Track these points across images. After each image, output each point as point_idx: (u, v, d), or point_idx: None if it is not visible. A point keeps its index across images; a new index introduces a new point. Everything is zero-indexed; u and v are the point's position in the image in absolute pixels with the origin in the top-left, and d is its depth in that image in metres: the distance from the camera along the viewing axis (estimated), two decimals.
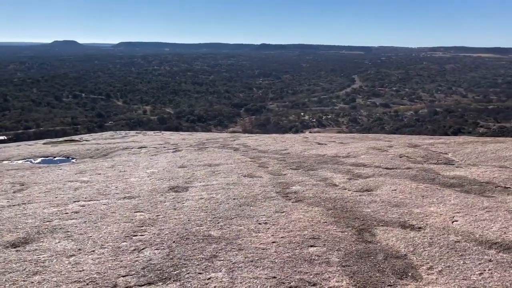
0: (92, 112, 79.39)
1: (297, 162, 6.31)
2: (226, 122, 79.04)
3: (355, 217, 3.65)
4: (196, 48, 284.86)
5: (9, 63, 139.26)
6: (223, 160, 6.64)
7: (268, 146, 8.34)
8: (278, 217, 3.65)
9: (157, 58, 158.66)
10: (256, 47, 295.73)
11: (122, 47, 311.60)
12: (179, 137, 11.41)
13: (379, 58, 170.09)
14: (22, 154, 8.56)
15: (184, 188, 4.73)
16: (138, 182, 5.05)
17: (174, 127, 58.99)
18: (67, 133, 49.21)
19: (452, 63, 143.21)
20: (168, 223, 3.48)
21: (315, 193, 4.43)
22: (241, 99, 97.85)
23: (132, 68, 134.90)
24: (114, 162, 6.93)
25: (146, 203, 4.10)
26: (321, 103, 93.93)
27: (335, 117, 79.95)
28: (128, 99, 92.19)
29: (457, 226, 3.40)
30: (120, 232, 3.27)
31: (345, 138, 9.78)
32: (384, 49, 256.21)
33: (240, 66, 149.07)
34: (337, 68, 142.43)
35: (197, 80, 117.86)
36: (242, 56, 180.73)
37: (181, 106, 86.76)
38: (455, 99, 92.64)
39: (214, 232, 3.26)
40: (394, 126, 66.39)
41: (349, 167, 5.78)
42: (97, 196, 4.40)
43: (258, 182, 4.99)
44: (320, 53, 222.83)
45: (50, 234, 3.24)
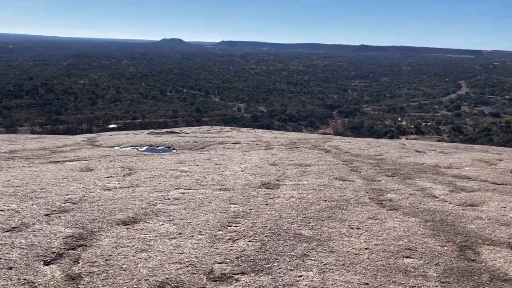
0: (191, 106, 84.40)
1: (393, 169, 6.05)
2: (317, 123, 78.51)
3: (456, 232, 3.40)
4: (293, 48, 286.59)
5: (123, 58, 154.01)
6: (314, 161, 6.62)
7: (361, 150, 8.11)
8: (371, 223, 3.54)
9: (254, 57, 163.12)
10: (354, 48, 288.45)
11: (223, 45, 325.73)
12: (270, 135, 11.62)
13: (491, 63, 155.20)
14: (130, 142, 9.42)
15: (276, 185, 4.81)
16: (232, 176, 5.26)
17: (266, 125, 60.17)
18: (168, 125, 52.94)
19: None
20: (260, 217, 3.58)
21: (412, 203, 4.21)
22: (334, 100, 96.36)
23: (230, 66, 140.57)
24: (210, 155, 7.29)
25: (240, 196, 4.26)
26: (421, 108, 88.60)
27: (435, 124, 74.79)
28: (224, 96, 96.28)
29: None
30: (216, 221, 3.44)
31: (447, 148, 9.13)
32: (498, 54, 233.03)
33: (336, 67, 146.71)
34: (441, 72, 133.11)
35: (292, 80, 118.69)
36: (339, 57, 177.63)
37: (274, 105, 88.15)
38: None
39: (305, 232, 3.28)
40: (504, 138, 60.12)
41: (451, 179, 5.39)
42: (196, 186, 4.67)
43: (350, 186, 4.89)
44: (423, 56, 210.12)
45: (155, 216, 3.54)
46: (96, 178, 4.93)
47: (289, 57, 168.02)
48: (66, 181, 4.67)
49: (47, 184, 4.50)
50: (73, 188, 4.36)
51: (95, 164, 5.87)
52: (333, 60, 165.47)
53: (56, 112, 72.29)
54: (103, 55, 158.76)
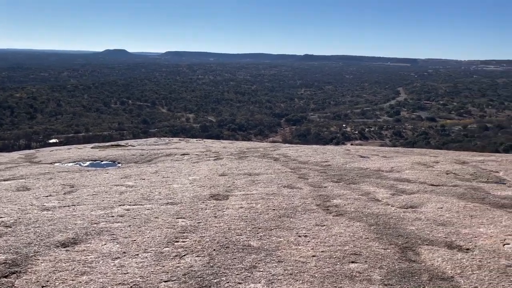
0: (137, 118, 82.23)
1: (339, 174, 6.22)
2: (266, 131, 79.31)
3: (398, 234, 3.54)
4: (240, 58, 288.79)
5: (64, 69, 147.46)
6: (263, 169, 6.66)
7: (308, 157, 8.28)
8: (318, 230, 3.61)
9: (201, 67, 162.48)
10: (299, 58, 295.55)
11: (169, 56, 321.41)
12: (220, 145, 11.56)
13: (426, 71, 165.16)
14: (72, 157, 8.98)
15: (225, 196, 4.78)
16: (180, 189, 5.16)
17: (215, 135, 59.92)
18: (114, 138, 51.14)
19: (505, 77, 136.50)
20: (209, 230, 3.53)
21: (357, 208, 4.34)
22: (282, 109, 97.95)
23: (177, 76, 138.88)
24: (157, 168, 7.12)
25: (188, 209, 4.18)
26: (364, 115, 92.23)
27: (378, 129, 78.15)
28: (172, 107, 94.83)
29: (509, 249, 3.22)
30: (163, 237, 3.35)
31: (388, 152, 9.53)
32: (432, 62, 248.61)
33: (282, 77, 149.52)
34: (381, 80, 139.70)
35: (240, 89, 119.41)
36: (285, 67, 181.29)
37: (223, 115, 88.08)
38: (507, 114, 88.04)
39: (254, 242, 3.27)
40: (440, 141, 63.97)
41: (392, 182, 5.63)
42: (141, 201, 4.53)
43: (298, 193, 4.96)
44: (364, 65, 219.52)
45: (97, 236, 3.38)
46: (34, 197, 4.65)
47: (236, 67, 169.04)
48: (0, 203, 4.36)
49: None
50: (7, 210, 4.07)
51: (33, 183, 5.53)
52: (279, 69, 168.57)
53: None
54: (41, 67, 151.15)
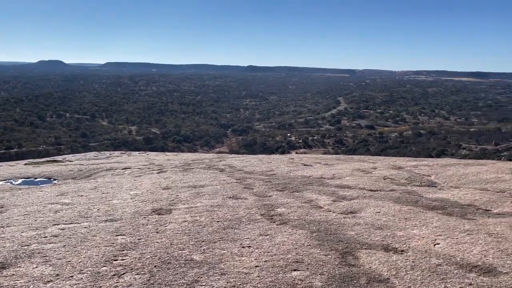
0: (76, 132, 78.52)
1: (283, 183, 6.31)
2: (212, 142, 78.93)
3: (338, 240, 3.64)
4: (184, 69, 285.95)
5: None
6: (208, 181, 6.61)
7: (254, 167, 8.33)
8: (262, 240, 3.62)
9: (144, 78, 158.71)
10: (243, 68, 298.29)
11: (109, 67, 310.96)
12: (164, 158, 11.33)
13: (363, 81, 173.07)
14: (2, 175, 8.38)
15: (168, 210, 4.68)
16: (120, 204, 4.98)
17: (159, 147, 58.65)
18: (50, 153, 48.42)
19: (434, 87, 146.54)
20: (150, 246, 3.42)
21: (300, 216, 4.42)
22: (228, 119, 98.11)
23: (118, 88, 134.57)
24: (97, 183, 6.83)
25: (128, 226, 4.04)
26: (307, 124, 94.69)
27: (321, 138, 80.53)
28: (113, 119, 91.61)
29: (439, 249, 3.42)
30: (100, 256, 3.20)
31: (330, 160, 9.83)
32: (369, 72, 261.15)
33: (227, 87, 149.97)
34: (322, 90, 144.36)
35: (184, 100, 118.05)
36: (229, 78, 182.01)
37: (167, 126, 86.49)
38: (438, 121, 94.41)
39: (197, 256, 3.22)
40: (379, 148, 67.09)
41: (334, 189, 5.80)
42: (78, 219, 4.31)
43: (243, 204, 4.96)
44: (306, 75, 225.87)
45: (28, 258, 3.16)
46: None
47: (180, 78, 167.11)
48: None
49: None
50: None
51: None
52: (224, 80, 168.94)
53: None
54: None
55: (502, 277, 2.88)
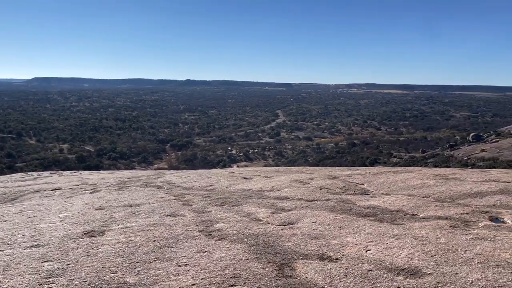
0: (0, 152, 72.85)
1: (222, 198, 6.29)
2: (151, 158, 76.87)
3: (276, 252, 3.68)
4: (119, 83, 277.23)
5: None
6: (145, 199, 6.41)
7: (193, 183, 8.22)
8: (199, 257, 3.57)
9: (75, 94, 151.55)
10: (181, 83, 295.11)
11: (36, 82, 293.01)
12: (98, 177, 10.84)
13: (300, 94, 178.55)
14: None
15: (100, 232, 4.46)
16: (48, 228, 4.68)
17: (94, 165, 56.04)
18: None
19: (365, 99, 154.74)
20: (79, 272, 3.24)
21: (239, 230, 4.42)
22: (166, 134, 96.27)
23: (47, 104, 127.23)
24: (23, 207, 6.37)
25: (56, 251, 3.79)
26: (247, 137, 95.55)
27: (261, 150, 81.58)
28: (42, 138, 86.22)
29: (370, 255, 3.58)
30: (24, 285, 2.97)
31: (270, 172, 9.96)
32: (304, 86, 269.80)
33: (165, 102, 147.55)
34: (261, 103, 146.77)
35: (120, 116, 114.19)
36: (167, 92, 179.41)
37: (102, 143, 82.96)
38: (370, 131, 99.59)
39: (130, 279, 3.09)
40: (317, 158, 69.23)
41: (272, 201, 5.88)
42: (1, 246, 3.99)
43: (181, 221, 4.87)
44: (244, 89, 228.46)
45: None
46: None
47: (115, 93, 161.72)
48: None
49: None
50: None
51: None
52: (161, 95, 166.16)
53: None
54: None
55: (426, 278, 3.07)
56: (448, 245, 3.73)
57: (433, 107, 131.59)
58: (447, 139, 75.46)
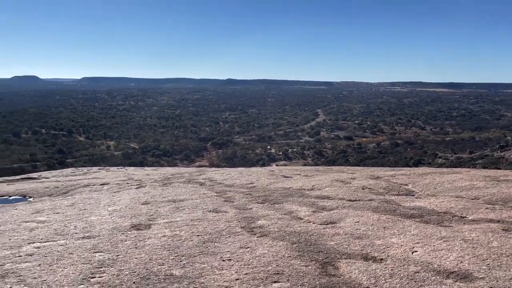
0: (52, 148, 76.80)
1: (263, 195, 6.32)
2: (192, 156, 78.41)
3: (318, 250, 3.67)
4: (162, 83, 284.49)
5: None
6: (188, 195, 6.56)
7: (234, 180, 8.32)
8: (242, 253, 3.61)
9: (121, 93, 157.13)
10: (222, 82, 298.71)
11: (86, 82, 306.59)
12: (143, 173, 11.20)
13: (341, 93, 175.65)
14: None
15: (147, 225, 4.62)
16: (98, 221, 4.90)
17: (138, 162, 57.87)
18: (25, 170, 47.16)
19: (410, 97, 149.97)
20: (128, 263, 3.37)
21: (280, 227, 4.43)
22: (207, 133, 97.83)
23: (95, 103, 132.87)
24: (74, 200, 6.70)
25: (106, 242, 3.97)
26: (287, 136, 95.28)
27: (300, 150, 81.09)
28: (91, 135, 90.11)
29: (417, 256, 3.48)
30: (77, 274, 3.13)
31: (310, 171, 9.91)
32: (346, 84, 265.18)
33: (206, 101, 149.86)
34: (301, 102, 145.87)
35: (163, 114, 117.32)
36: (208, 91, 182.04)
37: (146, 141, 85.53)
38: (414, 131, 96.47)
39: (176, 271, 3.18)
40: (357, 158, 67.95)
41: (313, 200, 5.85)
42: (54, 237, 4.22)
43: (223, 217, 4.95)
44: (284, 88, 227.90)
45: (2, 279, 3.07)
46: None
47: (159, 92, 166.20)
48: None
49: None
50: None
51: None
52: (203, 94, 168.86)
53: None
54: None
55: (478, 282, 2.95)
56: (501, 249, 3.57)
57: (482, 106, 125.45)
58: (497, 139, 71.81)
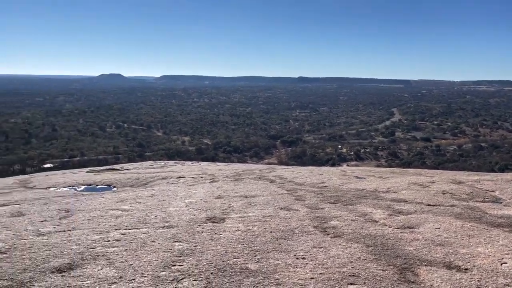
0: (133, 142, 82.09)
1: (335, 196, 6.22)
2: (262, 153, 79.31)
3: (396, 255, 3.53)
4: (235, 81, 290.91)
5: (59, 94, 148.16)
6: (259, 191, 6.65)
7: (304, 179, 8.28)
8: (316, 252, 3.59)
9: (197, 90, 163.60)
10: (293, 80, 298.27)
11: (165, 80, 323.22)
12: (215, 168, 11.55)
13: (419, 92, 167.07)
14: (67, 182, 8.95)
15: (221, 219, 4.76)
16: (176, 212, 5.14)
17: (210, 157, 59.81)
18: (109, 162, 50.96)
19: (497, 97, 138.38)
20: (206, 254, 3.50)
21: (354, 229, 4.33)
22: (277, 130, 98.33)
23: (172, 100, 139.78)
24: (153, 191, 7.09)
25: (184, 233, 4.15)
26: (359, 136, 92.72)
27: (373, 150, 78.44)
28: (167, 130, 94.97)
29: (506, 268, 3.21)
30: (160, 261, 3.32)
31: (384, 173, 9.56)
32: (425, 82, 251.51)
33: (277, 99, 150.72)
34: (375, 101, 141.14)
35: (235, 112, 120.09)
36: (279, 89, 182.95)
37: (218, 137, 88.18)
38: (501, 134, 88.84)
39: (252, 265, 3.24)
40: (436, 161, 64.20)
41: (389, 203, 5.63)
42: (137, 225, 4.50)
43: (295, 215, 4.94)
44: (357, 86, 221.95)
45: (93, 260, 3.34)
46: (29, 223, 4.60)
47: (231, 90, 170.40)
48: None
49: None
50: (2, 236, 4.02)
51: (27, 208, 5.49)
52: (274, 92, 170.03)
53: None
54: (37, 92, 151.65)
55: None
56: None
57: None
58: None
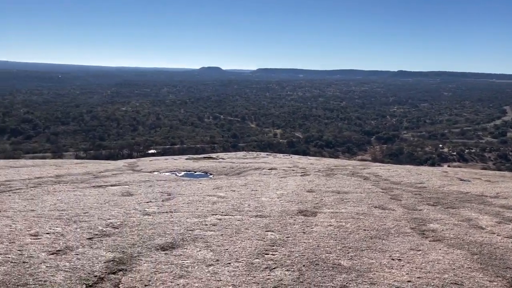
0: (228, 132, 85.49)
1: (435, 197, 5.84)
2: (355, 149, 77.25)
3: (506, 266, 3.20)
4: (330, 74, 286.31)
5: (164, 86, 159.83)
6: (352, 188, 6.50)
7: (401, 178, 7.90)
8: (413, 255, 3.41)
9: (291, 84, 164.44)
10: (392, 74, 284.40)
11: (260, 73, 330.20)
12: (307, 161, 11.54)
13: None
14: (169, 167, 9.63)
15: (313, 213, 4.75)
16: (268, 202, 5.25)
17: (302, 151, 59.83)
18: (206, 150, 53.78)
19: None
20: (297, 246, 3.53)
21: (457, 234, 4.03)
22: (372, 126, 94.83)
23: (267, 93, 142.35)
24: (246, 180, 7.32)
25: (277, 223, 4.23)
26: (463, 135, 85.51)
27: (480, 151, 71.79)
28: (261, 122, 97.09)
29: None
30: (253, 248, 3.42)
31: (493, 176, 8.73)
32: None
33: (374, 93, 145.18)
34: (485, 97, 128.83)
35: (328, 106, 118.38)
36: (377, 83, 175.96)
37: (310, 131, 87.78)
38: None
39: (344, 262, 3.19)
40: None
41: (498, 209, 5.13)
42: (232, 212, 4.69)
43: (390, 215, 4.75)
44: (465, 81, 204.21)
45: (192, 242, 3.57)
46: (136, 203, 5.06)
47: (326, 84, 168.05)
48: (108, 206, 4.82)
49: (90, 208, 4.66)
50: (115, 213, 4.48)
51: (135, 189, 6.03)
52: (371, 86, 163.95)
53: (100, 138, 75.17)
54: (145, 83, 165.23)
55: None
56: None
57: None
58: None
